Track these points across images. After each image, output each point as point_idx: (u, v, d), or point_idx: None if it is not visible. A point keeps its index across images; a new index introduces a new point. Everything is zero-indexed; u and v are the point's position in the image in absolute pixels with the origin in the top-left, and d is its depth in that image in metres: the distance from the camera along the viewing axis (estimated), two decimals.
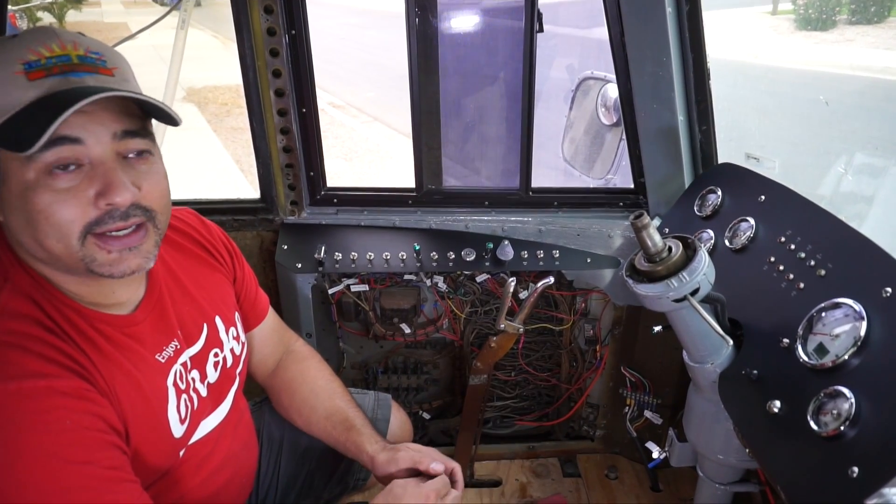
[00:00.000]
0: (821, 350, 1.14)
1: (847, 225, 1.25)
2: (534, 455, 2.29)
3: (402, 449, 1.27)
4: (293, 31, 1.72)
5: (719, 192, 1.61)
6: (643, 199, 1.89)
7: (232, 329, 1.27)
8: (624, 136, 1.89)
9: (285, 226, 1.96)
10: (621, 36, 1.64)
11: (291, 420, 1.43)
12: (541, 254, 1.91)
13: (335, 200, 1.97)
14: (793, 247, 1.32)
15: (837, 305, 1.14)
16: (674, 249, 1.23)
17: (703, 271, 1.19)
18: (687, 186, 1.78)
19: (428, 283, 2.03)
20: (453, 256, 1.89)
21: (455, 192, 1.99)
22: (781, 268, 1.31)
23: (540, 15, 1.70)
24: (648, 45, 1.64)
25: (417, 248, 1.88)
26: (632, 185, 1.94)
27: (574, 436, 2.34)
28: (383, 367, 2.21)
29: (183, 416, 1.08)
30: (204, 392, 1.16)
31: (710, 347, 1.33)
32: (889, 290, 1.07)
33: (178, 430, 1.06)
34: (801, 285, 1.24)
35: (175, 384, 1.07)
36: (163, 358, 1.06)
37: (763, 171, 1.61)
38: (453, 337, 2.15)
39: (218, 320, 1.23)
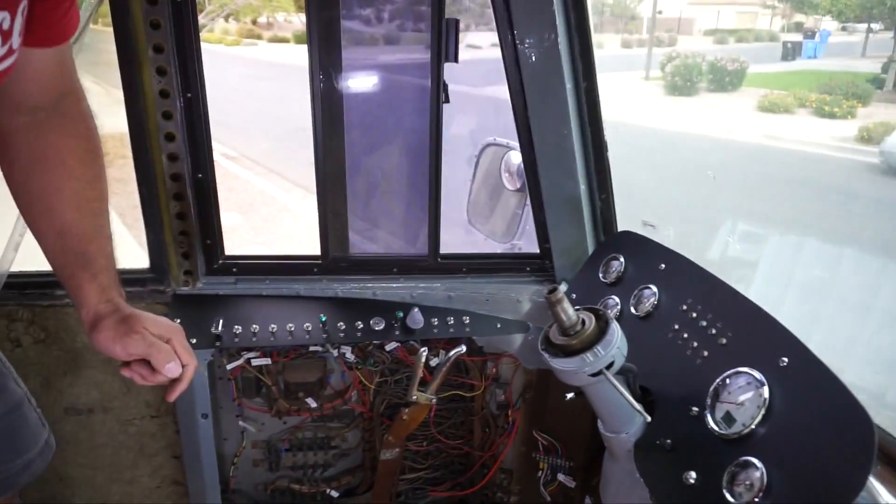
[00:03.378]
0: (728, 419, 1.18)
1: (742, 295, 1.32)
2: None
3: (138, 330, 1.06)
4: (189, 94, 1.63)
5: (622, 259, 1.66)
6: (549, 263, 1.93)
7: (5, 18, 0.90)
8: (528, 202, 1.94)
9: (178, 297, 1.81)
10: (524, 109, 1.70)
11: (15, 199, 1.12)
12: (451, 320, 1.88)
13: (234, 269, 1.85)
14: (694, 315, 1.38)
15: (739, 374, 1.19)
16: (587, 322, 1.25)
17: (616, 345, 1.21)
18: (590, 252, 1.84)
19: (335, 353, 1.94)
20: (361, 326, 1.82)
21: (362, 260, 1.94)
22: (686, 335, 1.37)
23: (446, 87, 1.73)
24: (550, 118, 1.70)
25: (324, 318, 1.80)
26: (537, 251, 1.98)
27: None
28: (287, 444, 2.07)
29: None
30: None
31: (624, 418, 1.34)
32: (785, 359, 1.13)
33: None
34: (706, 353, 1.30)
35: None
36: None
37: (659, 239, 1.70)
38: (362, 409, 2.06)
39: None
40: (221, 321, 1.75)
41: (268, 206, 8.09)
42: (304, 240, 6.74)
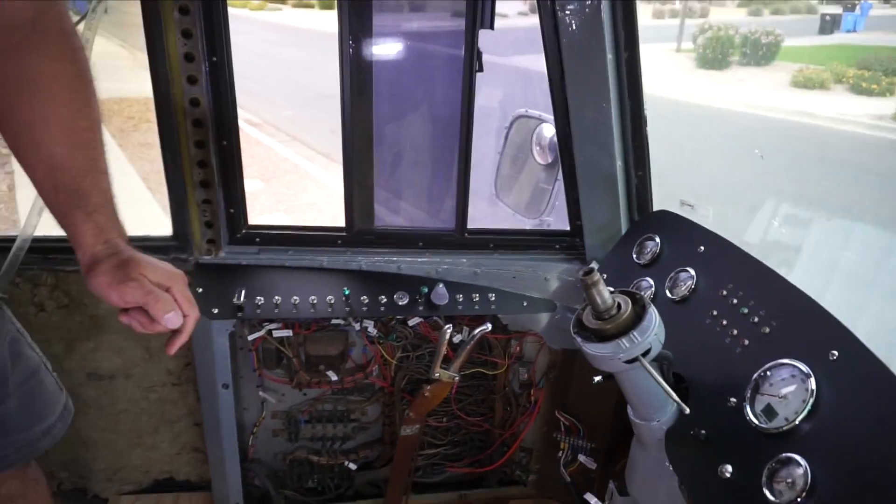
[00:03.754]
0: (769, 412, 1.12)
1: (789, 282, 1.25)
2: (466, 503, 2.20)
3: (135, 276, 0.97)
4: (214, 58, 1.57)
5: (658, 240, 1.60)
6: (580, 241, 1.87)
7: None
8: (559, 177, 1.87)
9: (201, 266, 1.79)
10: (561, 80, 1.62)
11: (1, 131, 1.01)
12: (476, 297, 1.84)
13: (257, 239, 1.82)
14: (735, 301, 1.31)
15: (783, 366, 1.13)
16: (623, 306, 1.19)
17: (654, 331, 1.15)
18: (623, 232, 1.77)
19: (357, 327, 1.92)
20: (385, 300, 1.79)
21: (387, 233, 1.89)
22: (724, 322, 1.30)
23: (480, 54, 1.65)
24: (588, 89, 1.62)
25: (347, 292, 1.76)
26: (567, 228, 1.91)
27: (506, 481, 2.27)
28: (307, 416, 2.06)
29: None
30: None
31: (656, 405, 1.29)
32: (836, 353, 1.07)
33: None
34: (746, 342, 1.23)
35: None
36: None
37: (696, 219, 1.62)
38: (383, 383, 2.04)
39: None
40: (244, 291, 1.72)
41: (290, 173, 8.05)
42: (326, 208, 6.72)
